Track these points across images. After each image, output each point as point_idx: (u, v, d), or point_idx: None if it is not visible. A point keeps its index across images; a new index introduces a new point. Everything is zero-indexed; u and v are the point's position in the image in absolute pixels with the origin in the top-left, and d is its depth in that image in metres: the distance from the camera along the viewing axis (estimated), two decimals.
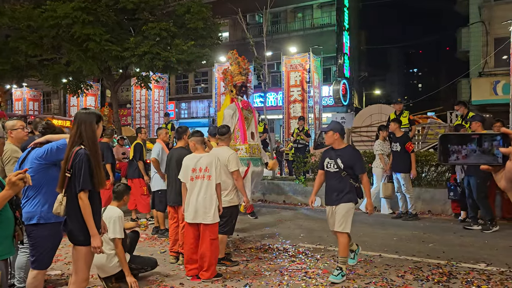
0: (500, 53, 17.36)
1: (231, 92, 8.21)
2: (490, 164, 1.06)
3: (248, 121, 8.22)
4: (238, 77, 8.09)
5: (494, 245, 6.16)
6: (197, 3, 15.09)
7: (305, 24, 25.06)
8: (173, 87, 28.55)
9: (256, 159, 8.07)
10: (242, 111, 8.06)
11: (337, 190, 4.70)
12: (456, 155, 1.08)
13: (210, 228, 4.70)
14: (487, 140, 1.06)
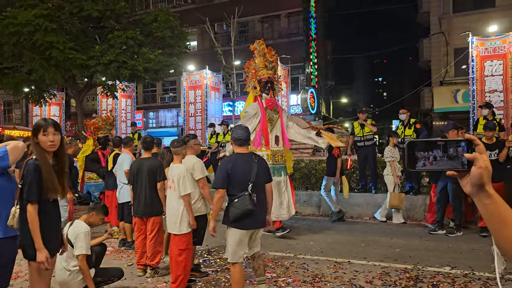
0: (460, 63, 18.06)
1: (254, 89, 7.15)
2: (456, 169, 1.08)
3: (273, 123, 7.14)
4: (263, 71, 7.06)
5: (458, 248, 6.34)
6: (164, 12, 14.98)
7: (273, 34, 25.32)
8: (140, 96, 28.13)
9: (279, 167, 7.05)
10: (265, 111, 7.01)
11: None
12: (423, 161, 1.10)
13: (177, 239, 4.63)
14: (452, 146, 1.08)
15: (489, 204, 1.04)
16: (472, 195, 1.07)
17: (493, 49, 13.48)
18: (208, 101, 19.02)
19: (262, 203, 4.14)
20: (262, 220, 4.17)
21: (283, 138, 7.28)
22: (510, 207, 1.06)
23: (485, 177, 1.04)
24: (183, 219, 4.62)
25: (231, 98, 14.51)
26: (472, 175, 1.05)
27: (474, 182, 1.05)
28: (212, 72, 19.18)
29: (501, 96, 13.29)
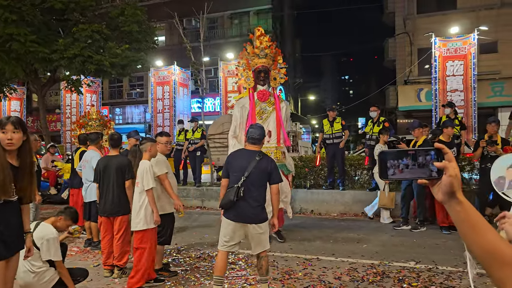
0: (423, 62, 18.62)
1: (247, 80, 6.65)
2: (426, 178, 1.10)
3: (265, 116, 6.55)
4: (256, 61, 6.53)
5: (422, 243, 6.55)
6: (131, 6, 14.64)
7: (242, 31, 25.28)
8: (106, 92, 27.49)
9: None
10: (256, 103, 6.50)
11: None
12: (395, 170, 1.11)
13: (135, 236, 4.63)
14: (422, 155, 1.10)
15: (460, 211, 1.06)
16: (444, 203, 1.09)
17: (455, 50, 13.98)
18: (176, 97, 18.83)
19: (255, 200, 4.13)
20: (251, 216, 4.13)
21: (278, 133, 6.56)
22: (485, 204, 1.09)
23: (456, 185, 1.06)
24: (139, 215, 4.58)
25: (200, 94, 14.34)
26: (443, 183, 1.07)
27: (445, 190, 1.07)
28: (181, 68, 18.99)
29: (461, 96, 13.80)
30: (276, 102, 6.64)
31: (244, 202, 4.10)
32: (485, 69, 17.08)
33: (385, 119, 9.00)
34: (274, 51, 6.60)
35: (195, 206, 10.68)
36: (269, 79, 6.64)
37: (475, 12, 18.51)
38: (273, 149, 6.55)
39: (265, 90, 6.56)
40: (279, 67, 6.72)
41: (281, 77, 6.75)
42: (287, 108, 6.85)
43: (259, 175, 4.15)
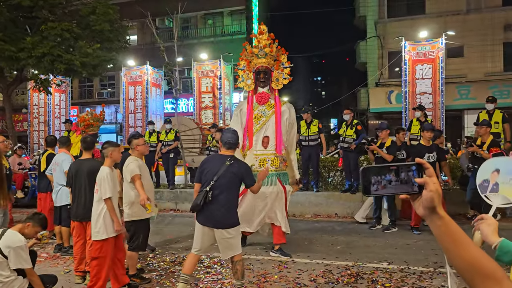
0: (393, 65, 19.05)
1: (247, 83, 6.16)
2: (408, 193, 1.13)
3: (263, 120, 5.99)
4: (255, 61, 6.06)
5: (394, 244, 6.70)
6: (103, 4, 14.31)
7: (216, 31, 25.19)
8: (76, 91, 26.84)
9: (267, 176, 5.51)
10: (253, 106, 6.00)
11: None
12: (377, 185, 1.13)
13: (94, 245, 4.50)
14: (403, 170, 1.12)
15: (441, 225, 1.09)
16: (425, 217, 1.12)
17: (424, 54, 14.35)
18: (149, 97, 18.55)
19: (223, 204, 4.14)
20: (218, 220, 4.14)
21: (277, 139, 5.94)
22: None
23: (436, 200, 1.09)
24: (98, 224, 4.45)
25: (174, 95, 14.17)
26: (424, 198, 1.10)
27: (426, 205, 1.10)
28: (153, 68, 18.73)
29: (430, 98, 14.18)
30: (277, 105, 6.02)
31: (213, 206, 4.14)
32: (452, 72, 17.63)
33: (358, 122, 9.14)
34: (275, 50, 6.10)
35: (169, 208, 10.56)
36: (270, 80, 6.10)
37: (443, 17, 19.08)
38: (271, 156, 5.94)
39: (264, 92, 6.04)
40: (283, 66, 6.15)
41: (284, 78, 6.16)
42: (290, 111, 6.15)
43: (229, 180, 4.18)
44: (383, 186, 1.13)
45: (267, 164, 5.77)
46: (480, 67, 18.62)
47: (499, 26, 18.52)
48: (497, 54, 18.56)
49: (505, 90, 17.56)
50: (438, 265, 5.40)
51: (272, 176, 5.83)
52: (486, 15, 18.65)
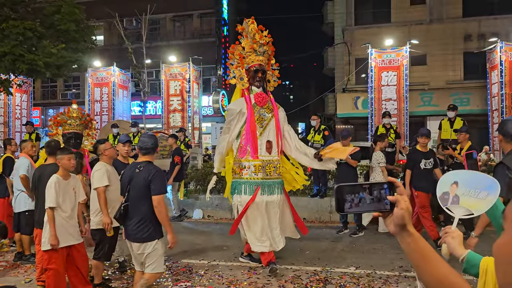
0: (360, 72, 19.47)
1: (240, 80, 5.54)
2: (380, 210, 1.16)
3: (264, 124, 5.42)
4: (252, 57, 5.44)
5: (360, 248, 6.83)
6: (68, 3, 13.89)
7: (185, 34, 24.98)
8: (38, 91, 25.94)
9: (271, 183, 5.32)
10: (254, 108, 5.37)
11: None
12: (350, 203, 1.15)
13: (43, 255, 4.42)
14: (376, 188, 1.15)
15: (411, 242, 1.13)
16: (395, 234, 1.15)
17: (389, 61, 14.76)
18: (115, 99, 18.18)
19: (134, 217, 3.91)
20: (131, 234, 3.92)
21: (278, 144, 5.49)
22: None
23: (406, 217, 1.12)
24: (44, 234, 4.35)
25: (142, 98, 13.94)
26: (395, 216, 1.13)
27: (397, 222, 1.13)
28: (120, 70, 18.37)
29: (395, 105, 14.59)
30: (274, 108, 5.58)
31: (128, 219, 3.96)
32: (416, 80, 18.19)
33: (325, 128, 9.29)
34: (272, 48, 5.63)
35: None
36: (266, 81, 5.65)
37: (407, 26, 19.67)
38: (276, 162, 5.45)
39: (262, 93, 5.49)
40: (272, 68, 5.75)
41: (274, 80, 5.79)
42: (284, 114, 5.82)
43: (138, 189, 3.89)
44: (356, 204, 1.15)
45: (274, 172, 5.38)
46: (442, 75, 19.31)
47: (460, 36, 19.28)
48: (457, 63, 19.31)
49: (465, 97, 18.28)
50: (403, 269, 5.54)
51: (279, 184, 5.47)
52: (448, 25, 19.38)
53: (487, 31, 18.59)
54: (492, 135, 13.94)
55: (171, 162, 9.52)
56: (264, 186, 5.02)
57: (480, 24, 19.03)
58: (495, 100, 13.73)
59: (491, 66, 14.18)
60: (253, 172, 5.04)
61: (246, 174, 5.07)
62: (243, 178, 5.18)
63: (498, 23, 18.70)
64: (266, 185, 5.13)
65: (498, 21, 18.76)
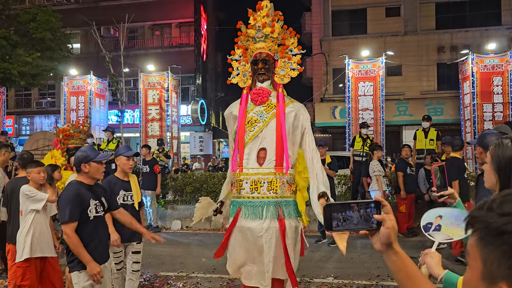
0: (338, 82, 19.77)
1: (243, 77, 4.19)
2: (367, 229, 1.19)
3: (259, 126, 3.89)
4: (251, 47, 4.11)
5: (339, 258, 6.89)
6: (44, 11, 13.69)
7: (163, 42, 24.90)
8: (12, 100, 25.34)
9: (256, 203, 3.67)
10: (247, 107, 4.04)
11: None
12: (338, 222, 1.18)
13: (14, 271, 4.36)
14: (363, 207, 1.18)
15: (397, 260, 1.16)
16: (381, 252, 1.19)
17: (365, 72, 15.04)
18: (92, 108, 17.89)
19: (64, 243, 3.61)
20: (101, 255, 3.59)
21: (279, 152, 3.82)
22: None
23: (392, 236, 1.16)
24: (19, 245, 4.30)
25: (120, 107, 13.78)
26: (381, 234, 1.16)
27: (383, 241, 1.16)
28: (98, 78, 18.12)
29: (371, 114, 14.84)
30: (279, 105, 3.96)
31: None
32: (392, 90, 18.58)
33: None
34: (279, 30, 4.10)
35: None
36: (273, 73, 4.14)
37: (383, 37, 20.13)
38: (268, 176, 3.72)
39: (263, 88, 4.03)
40: (291, 53, 4.18)
41: (292, 69, 4.17)
42: (298, 113, 3.95)
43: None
44: (344, 222, 1.18)
45: (262, 188, 3.70)
46: (416, 86, 19.80)
47: (433, 48, 19.84)
48: (431, 74, 19.84)
49: (438, 107, 18.77)
50: (380, 278, 5.62)
51: (269, 205, 3.65)
52: (422, 37, 19.92)
53: (459, 43, 19.20)
54: (465, 144, 14.32)
55: (149, 172, 9.42)
56: (247, 206, 3.66)
57: (452, 36, 19.64)
58: (468, 110, 14.13)
59: (463, 77, 14.61)
60: (236, 189, 3.79)
61: (234, 192, 3.85)
62: (233, 196, 3.88)
63: (470, 36, 19.33)
64: (248, 205, 3.68)
65: (469, 33, 19.40)
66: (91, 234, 3.43)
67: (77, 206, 3.37)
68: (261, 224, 3.61)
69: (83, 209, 3.39)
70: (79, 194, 3.43)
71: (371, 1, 20.53)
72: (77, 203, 3.38)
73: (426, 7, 20.18)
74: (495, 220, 0.81)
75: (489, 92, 13.60)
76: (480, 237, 0.83)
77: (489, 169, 1.80)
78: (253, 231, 3.59)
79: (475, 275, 0.84)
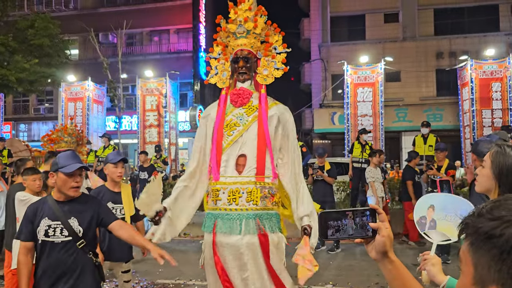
0: (336, 88, 19.77)
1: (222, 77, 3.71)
2: (362, 237, 1.17)
3: (239, 130, 3.43)
4: (232, 43, 3.64)
5: (338, 265, 6.82)
6: (43, 18, 13.68)
7: (162, 48, 24.92)
8: (10, 106, 25.28)
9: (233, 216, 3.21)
10: (226, 109, 3.55)
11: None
12: (333, 230, 1.16)
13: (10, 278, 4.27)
14: (358, 215, 1.16)
15: (392, 269, 1.14)
16: (377, 261, 1.17)
17: (364, 78, 15.05)
18: (90, 114, 17.87)
19: None
20: None
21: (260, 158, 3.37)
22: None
23: (388, 244, 1.13)
24: (14, 253, 4.18)
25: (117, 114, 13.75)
26: (377, 243, 1.14)
27: (378, 249, 1.14)
28: (95, 84, 18.10)
29: (370, 120, 14.84)
30: (262, 106, 3.54)
31: None
32: (391, 96, 18.59)
33: (303, 144, 9.32)
34: (262, 26, 3.66)
35: None
36: (255, 72, 3.70)
37: (381, 44, 20.17)
38: (248, 186, 3.26)
39: (244, 88, 3.58)
40: (275, 52, 3.74)
41: (277, 68, 3.71)
42: (282, 116, 3.56)
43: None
44: (340, 230, 1.16)
45: (240, 199, 3.23)
46: (415, 92, 19.81)
47: (432, 54, 19.88)
48: (430, 80, 19.86)
49: (438, 113, 18.77)
50: (379, 285, 5.55)
51: (248, 219, 3.21)
52: (420, 43, 19.97)
53: (458, 49, 19.24)
54: (464, 150, 14.30)
55: (147, 179, 9.37)
56: (224, 220, 3.21)
57: (451, 43, 19.69)
58: (467, 116, 14.13)
59: (462, 83, 14.62)
60: (211, 199, 3.32)
61: (208, 203, 3.39)
62: (208, 208, 3.38)
63: (468, 42, 19.38)
64: (225, 218, 3.21)
65: (468, 39, 19.45)
66: (44, 262, 2.80)
67: (28, 224, 2.83)
68: (240, 239, 3.15)
69: (33, 229, 2.81)
70: (33, 209, 2.87)
71: (369, 7, 20.60)
72: (27, 220, 2.84)
73: (425, 13, 20.26)
74: (485, 224, 0.83)
75: (488, 98, 13.61)
76: (471, 242, 0.85)
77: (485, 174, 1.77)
78: (236, 247, 3.14)
79: (467, 280, 0.86)
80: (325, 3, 21.17)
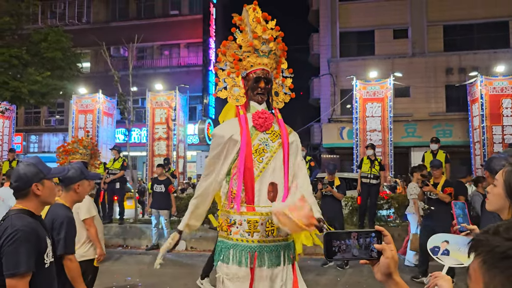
0: (345, 103, 19.77)
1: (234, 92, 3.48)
2: (367, 258, 1.16)
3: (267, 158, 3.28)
4: (252, 59, 3.39)
5: (346, 282, 6.74)
6: (55, 31, 13.91)
7: (172, 62, 25.20)
8: (21, 117, 25.63)
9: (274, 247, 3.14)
10: (250, 134, 3.30)
11: None
12: (338, 250, 1.16)
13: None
14: (363, 236, 1.16)
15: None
16: (382, 282, 1.16)
17: (373, 93, 15.02)
18: (100, 126, 18.01)
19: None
20: None
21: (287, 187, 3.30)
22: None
23: (392, 266, 1.14)
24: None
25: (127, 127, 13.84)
26: (381, 264, 1.14)
27: (383, 271, 1.14)
28: (106, 97, 18.28)
29: (379, 135, 14.76)
30: (283, 133, 3.43)
31: None
32: (400, 111, 18.53)
33: (311, 159, 9.31)
34: (281, 46, 3.56)
35: (117, 244, 10.11)
36: (271, 94, 3.58)
37: (391, 59, 20.19)
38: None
39: (266, 111, 3.43)
40: (283, 75, 3.73)
41: (285, 93, 3.74)
42: (298, 144, 3.57)
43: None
44: (344, 251, 1.16)
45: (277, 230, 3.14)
46: (424, 107, 19.74)
47: (441, 70, 19.85)
48: (440, 96, 19.79)
49: (447, 129, 18.65)
50: None
51: (285, 250, 3.17)
52: (430, 59, 19.96)
53: (468, 65, 19.19)
54: (474, 166, 14.14)
55: (163, 192, 9.42)
56: (263, 253, 3.09)
57: (461, 58, 19.65)
58: (477, 132, 14.00)
59: (472, 99, 14.53)
60: (246, 231, 3.12)
61: (236, 234, 3.14)
62: (231, 239, 3.15)
63: (478, 58, 19.33)
64: (266, 251, 3.11)
65: (477, 55, 19.41)
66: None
67: (35, 249, 2.32)
68: (282, 269, 3.13)
69: (40, 253, 2.35)
70: (35, 229, 2.35)
71: (379, 23, 20.69)
72: (34, 245, 2.32)
73: (434, 29, 20.29)
74: (501, 244, 0.82)
75: (499, 115, 13.49)
76: (484, 261, 0.84)
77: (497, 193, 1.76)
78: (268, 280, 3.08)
79: None
80: (334, 19, 21.32)
